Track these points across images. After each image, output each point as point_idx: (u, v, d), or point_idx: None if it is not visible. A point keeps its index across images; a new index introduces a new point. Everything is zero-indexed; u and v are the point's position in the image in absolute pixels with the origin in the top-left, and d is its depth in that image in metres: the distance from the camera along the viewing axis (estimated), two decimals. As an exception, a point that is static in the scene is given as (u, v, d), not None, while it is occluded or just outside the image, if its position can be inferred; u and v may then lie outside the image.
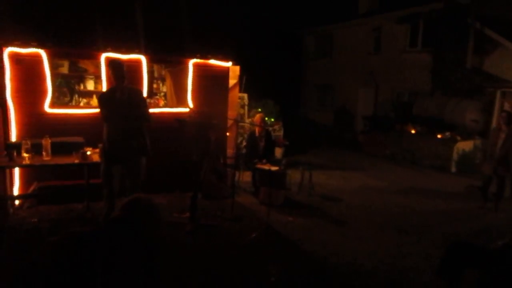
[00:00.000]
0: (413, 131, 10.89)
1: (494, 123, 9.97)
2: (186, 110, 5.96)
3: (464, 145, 9.79)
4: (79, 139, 5.06)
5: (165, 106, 6.64)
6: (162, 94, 7.49)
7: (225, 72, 6.29)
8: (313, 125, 15.16)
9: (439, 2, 11.58)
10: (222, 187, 6.03)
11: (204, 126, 5.09)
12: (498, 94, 10.00)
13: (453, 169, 9.66)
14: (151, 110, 4.81)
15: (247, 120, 9.07)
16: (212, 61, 6.17)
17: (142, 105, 4.39)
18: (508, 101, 10.03)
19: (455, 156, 9.68)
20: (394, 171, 9.62)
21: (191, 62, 5.99)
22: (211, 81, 6.11)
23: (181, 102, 6.17)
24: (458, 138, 9.87)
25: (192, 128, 4.99)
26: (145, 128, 4.37)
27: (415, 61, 12.69)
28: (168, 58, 6.16)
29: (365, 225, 5.47)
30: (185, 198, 5.32)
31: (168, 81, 6.83)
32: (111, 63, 4.26)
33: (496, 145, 6.54)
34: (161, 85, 7.60)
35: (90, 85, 7.25)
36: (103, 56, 5.36)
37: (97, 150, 4.70)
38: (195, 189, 4.84)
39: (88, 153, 4.74)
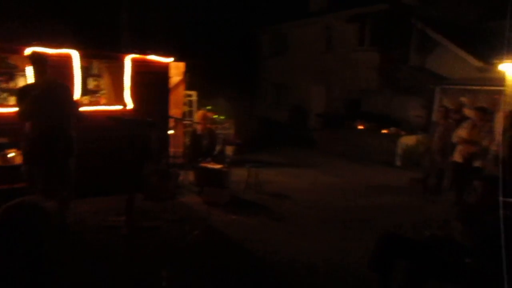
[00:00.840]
0: (361, 127, 11.19)
1: (435, 118, 10.43)
2: (124, 108, 5.69)
3: (408, 140, 10.17)
4: (2, 140, 4.66)
5: (106, 104, 6.30)
6: (104, 92, 7.13)
7: (165, 68, 6.07)
8: (269, 123, 15.17)
9: (385, 3, 11.96)
10: (165, 187, 5.82)
11: (142, 124, 4.87)
12: (438, 91, 10.46)
13: (398, 163, 10.00)
14: (87, 109, 4.52)
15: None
16: (152, 57, 5.94)
17: (70, 102, 4.10)
18: (447, 97, 10.52)
19: (399, 150, 10.03)
20: (344, 166, 9.80)
21: (129, 58, 5.72)
22: (150, 78, 5.87)
23: (119, 100, 5.88)
24: (403, 133, 10.25)
25: (127, 126, 4.74)
26: (72, 127, 4.09)
27: (363, 59, 13.04)
28: (103, 53, 5.84)
29: (310, 222, 5.47)
30: (123, 201, 5.06)
31: (107, 78, 6.50)
32: (31, 57, 3.94)
33: (433, 139, 6.80)
34: (102, 82, 7.22)
35: (22, 83, 6.74)
36: (28, 51, 4.97)
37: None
38: (132, 190, 4.61)
39: (11, 155, 4.37)
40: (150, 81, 5.85)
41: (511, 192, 3.19)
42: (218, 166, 5.55)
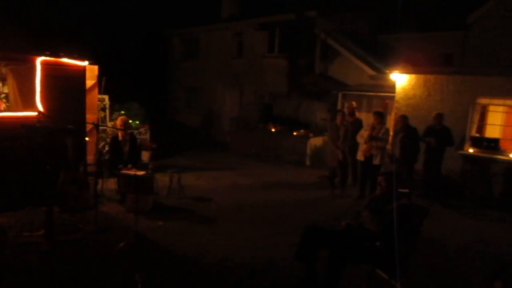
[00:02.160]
0: (273, 130, 11.82)
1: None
2: (35, 114, 5.27)
3: (316, 141, 11.08)
4: None
5: (7, 110, 5.75)
6: (3, 96, 6.46)
7: (81, 72, 5.78)
8: (182, 128, 15.07)
9: (291, 14, 12.81)
10: (83, 197, 5.53)
11: (59, 132, 4.60)
12: (340, 96, 11.60)
13: (308, 163, 10.82)
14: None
15: (109, 124, 8.51)
16: (66, 60, 5.60)
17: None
18: (347, 102, 11.71)
19: (308, 151, 10.87)
20: (260, 168, 10.27)
21: (39, 60, 5.32)
22: (65, 82, 5.53)
23: (29, 105, 5.43)
24: (311, 135, 11.10)
25: (42, 134, 4.44)
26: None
27: (273, 65, 13.76)
28: (8, 54, 5.33)
29: (234, 222, 5.72)
30: (39, 214, 4.72)
31: (11, 81, 5.92)
32: None
33: (336, 139, 7.53)
34: (0, 85, 6.53)
35: None
36: None
37: None
38: (50, 203, 4.33)
39: None
40: (65, 85, 5.51)
41: (406, 183, 3.84)
42: (141, 173, 5.47)
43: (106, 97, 8.43)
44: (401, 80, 8.84)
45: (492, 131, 8.18)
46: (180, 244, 4.68)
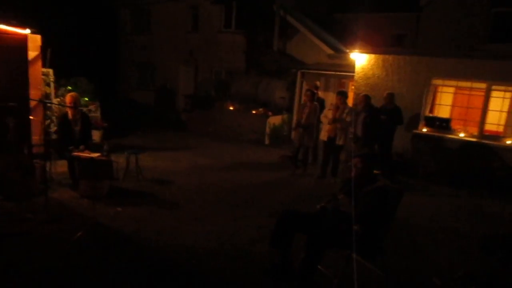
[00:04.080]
0: (232, 108, 11.54)
1: (296, 100, 11.49)
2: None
3: (275, 120, 10.98)
4: None
5: None
6: None
7: (22, 41, 5.08)
8: (134, 105, 14.29)
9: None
10: (29, 183, 4.98)
11: (-2, 110, 4.03)
12: (299, 75, 11.52)
13: (267, 142, 10.73)
14: None
15: (55, 100, 7.76)
16: (3, 27, 4.89)
17: None
18: (306, 80, 11.68)
19: (268, 130, 10.76)
20: (218, 147, 10.00)
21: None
22: (2, 52, 4.84)
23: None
24: (270, 113, 10.98)
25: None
26: None
27: (230, 41, 13.34)
28: None
29: (199, 205, 5.48)
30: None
31: None
32: None
33: (302, 119, 7.48)
34: None
35: None
36: None
37: None
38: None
39: None
40: (3, 56, 4.82)
41: (381, 165, 3.79)
42: (95, 155, 5.01)
43: (50, 71, 7.63)
44: (360, 59, 8.88)
45: (442, 111, 8.53)
46: (143, 232, 4.37)
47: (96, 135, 8.39)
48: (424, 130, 8.29)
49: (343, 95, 6.88)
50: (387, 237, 3.48)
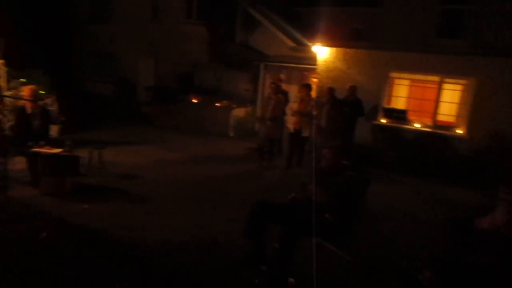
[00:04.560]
0: (195, 101, 11.42)
1: (260, 92, 11.58)
2: None
3: (239, 112, 11.02)
4: None
5: None
6: None
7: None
8: (93, 98, 13.69)
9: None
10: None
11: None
12: (262, 67, 11.60)
13: (231, 134, 10.76)
14: None
15: (8, 93, 7.32)
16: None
17: None
18: (269, 73, 11.79)
19: (232, 122, 10.79)
20: (182, 141, 9.89)
21: None
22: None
23: None
24: (234, 106, 11.00)
25: None
26: None
27: (192, 33, 13.11)
28: None
29: (167, 199, 5.43)
30: None
31: None
32: None
33: (267, 111, 7.57)
34: None
35: None
36: None
37: None
38: None
39: None
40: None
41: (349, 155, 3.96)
42: (58, 150, 4.81)
43: (1, 62, 7.17)
44: (322, 52, 9.11)
45: (399, 103, 8.96)
46: (113, 228, 4.27)
47: (53, 130, 8.00)
48: (383, 121, 8.68)
49: (307, 87, 7.04)
50: (355, 224, 3.66)
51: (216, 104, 11.05)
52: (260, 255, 3.59)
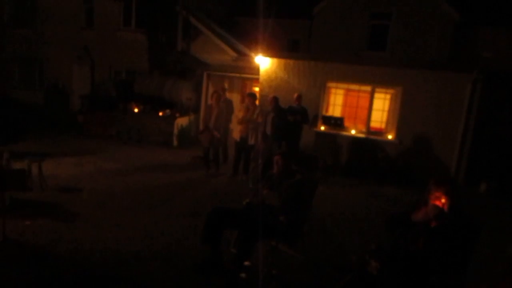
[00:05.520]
0: (136, 110, 11.15)
1: (203, 101, 11.63)
2: None
3: (182, 121, 10.97)
4: None
5: None
6: None
7: None
8: (19, 106, 12.72)
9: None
10: None
11: None
12: (205, 76, 11.69)
13: (175, 143, 10.66)
14: None
15: None
16: None
17: None
18: (211, 81, 11.90)
19: (175, 131, 10.70)
20: (123, 150, 9.60)
21: None
22: None
23: None
24: (177, 114, 10.92)
25: None
26: None
27: (130, 40, 12.84)
28: None
29: (115, 211, 5.31)
30: None
31: None
32: None
33: (210, 120, 7.64)
34: None
35: None
36: None
37: None
38: None
39: None
40: None
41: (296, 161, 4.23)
42: (-7, 164, 4.49)
43: None
44: (264, 63, 9.44)
45: (336, 110, 9.57)
46: (60, 243, 4.11)
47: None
48: (322, 128, 9.21)
49: (253, 97, 7.27)
50: (305, 225, 3.92)
51: (159, 113, 10.89)
52: (217, 261, 3.70)
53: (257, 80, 10.16)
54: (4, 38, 14.42)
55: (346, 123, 9.28)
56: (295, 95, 8.10)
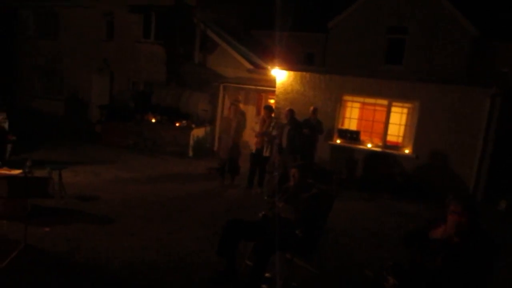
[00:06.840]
0: (153, 120, 11.33)
1: (219, 112, 11.75)
2: None
3: (198, 132, 11.09)
4: None
5: None
6: None
7: None
8: (41, 116, 13.11)
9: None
10: None
11: None
12: (221, 88, 11.83)
13: (191, 154, 10.77)
14: None
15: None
16: None
17: None
18: (227, 93, 12.03)
19: (191, 142, 10.82)
20: (140, 160, 9.74)
21: None
22: None
23: None
24: (193, 126, 11.05)
25: None
26: None
27: (149, 52, 13.11)
28: None
29: (131, 220, 5.37)
30: None
31: None
32: None
33: (228, 132, 7.71)
34: None
35: None
36: None
37: None
38: None
39: None
40: None
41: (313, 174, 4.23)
42: (17, 172, 4.63)
43: None
44: (280, 76, 9.51)
45: (352, 124, 9.55)
46: (78, 251, 4.18)
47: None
48: (338, 141, 9.18)
49: (269, 109, 7.33)
50: (320, 239, 3.90)
51: (176, 124, 11.03)
52: (232, 273, 3.70)
53: (272, 92, 10.23)
54: (27, 50, 14.90)
55: (362, 137, 9.24)
56: (311, 108, 8.13)
